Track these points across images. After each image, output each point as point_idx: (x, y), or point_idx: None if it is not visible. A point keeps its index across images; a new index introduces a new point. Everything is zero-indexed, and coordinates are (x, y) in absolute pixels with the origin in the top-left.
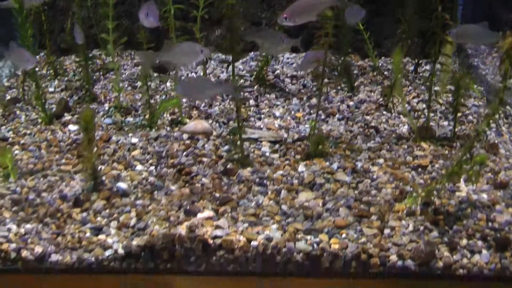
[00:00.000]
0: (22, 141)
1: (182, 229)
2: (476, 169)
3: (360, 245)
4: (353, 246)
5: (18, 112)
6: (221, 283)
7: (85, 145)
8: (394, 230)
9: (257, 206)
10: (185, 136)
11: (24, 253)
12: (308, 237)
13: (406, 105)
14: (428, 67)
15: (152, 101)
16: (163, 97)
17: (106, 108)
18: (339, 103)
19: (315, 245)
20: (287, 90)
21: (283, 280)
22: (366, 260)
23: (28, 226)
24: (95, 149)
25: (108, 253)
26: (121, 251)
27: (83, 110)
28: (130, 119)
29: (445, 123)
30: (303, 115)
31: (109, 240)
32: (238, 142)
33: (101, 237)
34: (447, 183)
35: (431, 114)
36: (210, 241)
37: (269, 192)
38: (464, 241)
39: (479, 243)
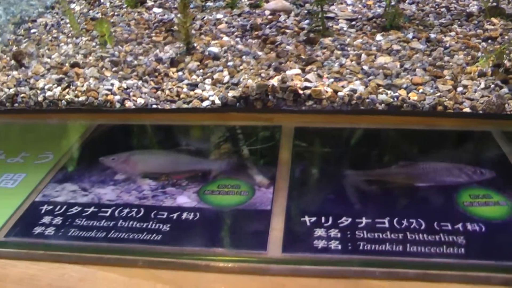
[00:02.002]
0: (111, 20)
1: (274, 82)
2: None
3: (436, 98)
4: (430, 99)
5: (102, 0)
6: (316, 119)
7: (181, 9)
8: (466, 88)
9: (340, 66)
10: (267, 12)
11: (128, 103)
12: (389, 91)
13: None
14: None
15: None
16: None
17: None
18: None
19: (395, 98)
20: None
21: (369, 117)
22: (442, 111)
23: (129, 82)
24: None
25: (205, 103)
26: (217, 101)
27: None
28: (210, 3)
29: None
30: (373, 3)
31: (205, 94)
32: (318, 17)
33: (198, 91)
34: None
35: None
36: (300, 91)
37: (350, 55)
38: None
39: None
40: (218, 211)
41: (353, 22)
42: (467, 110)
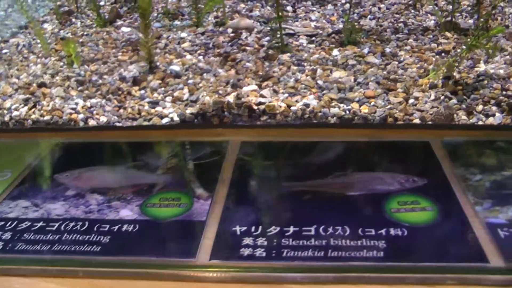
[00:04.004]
0: (80, 40)
1: (230, 98)
2: (494, 42)
3: (387, 110)
4: (380, 111)
5: (73, 20)
6: (265, 133)
7: (143, 29)
8: (417, 100)
9: (296, 81)
10: (229, 30)
11: (91, 122)
12: (341, 105)
13: (435, 6)
14: None
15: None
16: None
17: (155, 14)
18: (370, 7)
19: (347, 111)
20: None
21: (318, 130)
22: (392, 123)
23: (93, 100)
24: (151, 34)
25: (165, 120)
26: (176, 118)
27: None
28: (177, 22)
29: (471, 21)
30: (337, 18)
31: (165, 111)
32: (278, 34)
33: (158, 108)
34: (466, 59)
35: (457, 14)
36: (255, 107)
37: (306, 70)
38: (480, 107)
39: (494, 108)
40: (156, 223)
41: (313, 38)
42: (417, 121)
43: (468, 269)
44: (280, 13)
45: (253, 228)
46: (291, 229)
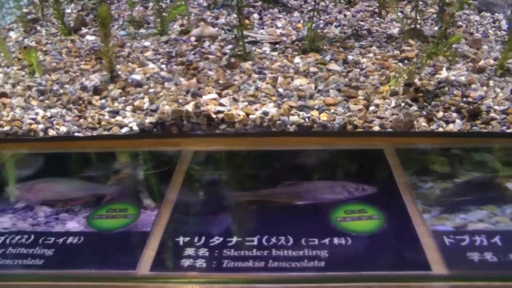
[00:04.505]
0: (44, 49)
1: (189, 107)
2: (453, 50)
3: (346, 118)
4: (340, 119)
5: (38, 28)
6: (222, 142)
7: (103, 38)
8: (378, 107)
9: (256, 89)
10: (192, 39)
11: (51, 132)
12: (301, 112)
13: (400, 13)
14: None
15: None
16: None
17: (120, 22)
18: (336, 14)
19: (306, 119)
20: (289, 5)
21: (276, 138)
22: (351, 130)
23: (54, 110)
24: (111, 43)
25: (124, 130)
26: (135, 128)
27: (100, 7)
28: (142, 30)
29: (436, 28)
30: (303, 25)
31: (125, 120)
32: (241, 42)
33: (118, 118)
34: (427, 66)
35: (423, 21)
36: (214, 116)
37: (267, 79)
38: (440, 114)
39: (454, 114)
40: (101, 235)
41: (277, 46)
42: (377, 128)
43: (410, 277)
44: (241, 21)
45: (196, 239)
46: (234, 239)
